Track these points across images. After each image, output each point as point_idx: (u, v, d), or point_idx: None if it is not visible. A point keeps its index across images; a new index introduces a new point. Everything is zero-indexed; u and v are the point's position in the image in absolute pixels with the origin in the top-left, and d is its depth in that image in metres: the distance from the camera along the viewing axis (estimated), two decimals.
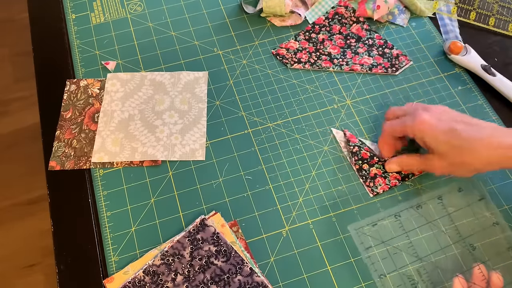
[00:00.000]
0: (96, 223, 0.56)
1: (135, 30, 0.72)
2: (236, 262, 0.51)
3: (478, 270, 0.48)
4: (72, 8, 0.74)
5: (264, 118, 0.63)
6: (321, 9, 0.73)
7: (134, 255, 0.54)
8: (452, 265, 0.52)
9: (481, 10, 0.74)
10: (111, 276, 0.52)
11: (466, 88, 0.66)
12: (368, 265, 0.52)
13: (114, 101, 0.64)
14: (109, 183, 0.58)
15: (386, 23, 0.73)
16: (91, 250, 0.54)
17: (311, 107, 0.64)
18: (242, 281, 0.50)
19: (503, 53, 0.69)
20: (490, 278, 0.47)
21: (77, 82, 0.67)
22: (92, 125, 0.63)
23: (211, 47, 0.70)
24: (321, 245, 0.54)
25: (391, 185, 0.57)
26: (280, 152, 0.61)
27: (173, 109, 0.64)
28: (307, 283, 0.52)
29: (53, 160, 0.60)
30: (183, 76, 0.67)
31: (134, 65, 0.68)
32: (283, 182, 0.58)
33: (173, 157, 0.60)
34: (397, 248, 0.53)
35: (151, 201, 0.57)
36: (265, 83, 0.67)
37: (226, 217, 0.56)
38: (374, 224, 0.55)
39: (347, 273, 0.52)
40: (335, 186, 0.58)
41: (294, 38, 0.71)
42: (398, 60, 0.68)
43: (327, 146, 0.61)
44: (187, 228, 0.54)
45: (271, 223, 0.56)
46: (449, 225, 0.54)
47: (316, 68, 0.68)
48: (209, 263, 0.51)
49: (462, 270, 0.51)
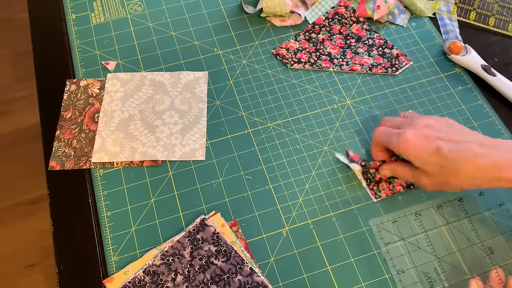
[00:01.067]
0: (96, 223, 0.56)
1: (135, 30, 0.72)
2: (236, 262, 0.51)
3: (496, 273, 0.48)
4: (72, 8, 0.74)
5: (264, 118, 0.63)
6: (321, 9, 0.73)
7: (134, 255, 0.54)
8: (469, 266, 0.52)
9: (481, 10, 0.74)
10: (111, 276, 0.52)
11: (466, 88, 0.66)
12: (387, 259, 0.52)
13: (114, 101, 0.64)
14: (109, 183, 0.59)
15: (386, 23, 0.73)
16: (91, 250, 0.54)
17: (311, 107, 0.64)
18: (242, 281, 0.50)
19: (503, 53, 0.69)
20: (507, 282, 0.47)
21: (77, 82, 0.67)
22: (92, 125, 0.63)
23: (211, 47, 0.70)
24: (321, 245, 0.54)
25: (395, 191, 0.56)
26: (280, 152, 0.61)
27: (173, 109, 0.64)
28: (307, 283, 0.52)
29: (53, 160, 0.60)
30: (183, 76, 0.67)
31: (134, 65, 0.68)
32: (283, 182, 0.58)
33: (173, 157, 0.60)
34: (416, 246, 0.53)
35: (151, 201, 0.57)
36: (265, 83, 0.67)
37: (226, 217, 0.56)
38: (395, 220, 0.55)
39: (347, 273, 0.52)
40: (335, 186, 0.58)
41: (294, 38, 0.71)
42: (398, 60, 0.68)
43: (327, 146, 0.61)
44: (187, 228, 0.54)
45: (271, 223, 0.56)
46: (468, 228, 0.54)
47: (316, 68, 0.68)
48: (209, 263, 0.51)
49: (479, 272, 0.51)
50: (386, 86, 0.66)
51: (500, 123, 0.63)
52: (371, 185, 0.57)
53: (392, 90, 0.66)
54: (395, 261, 0.53)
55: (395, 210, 0.56)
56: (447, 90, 0.66)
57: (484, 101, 0.65)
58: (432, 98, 0.65)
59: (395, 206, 0.56)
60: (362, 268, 0.53)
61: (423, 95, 0.65)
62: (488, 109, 0.64)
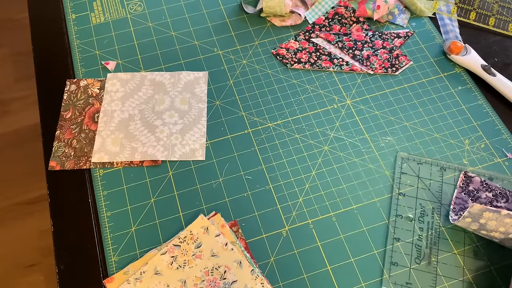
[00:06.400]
0: (96, 223, 0.56)
1: (135, 30, 0.72)
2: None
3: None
4: (72, 8, 0.74)
5: (264, 118, 0.63)
6: (321, 9, 0.73)
7: (134, 255, 0.54)
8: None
9: (481, 10, 0.74)
10: (111, 276, 0.52)
11: (466, 88, 0.66)
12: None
13: (114, 101, 0.64)
14: (109, 183, 0.59)
15: (386, 23, 0.73)
16: (91, 250, 0.54)
17: (311, 107, 0.64)
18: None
19: (503, 53, 0.69)
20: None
21: (77, 82, 0.67)
22: (92, 125, 0.63)
23: (211, 47, 0.70)
24: (321, 245, 0.54)
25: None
26: (280, 152, 0.61)
27: (173, 109, 0.64)
28: (307, 283, 0.52)
29: (53, 160, 0.60)
30: (183, 76, 0.67)
31: (134, 65, 0.68)
32: (283, 182, 0.58)
33: (173, 157, 0.60)
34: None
35: (151, 201, 0.57)
36: (265, 83, 0.67)
37: (226, 217, 0.56)
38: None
39: (347, 273, 0.52)
40: (335, 186, 0.58)
41: (294, 38, 0.71)
42: (398, 60, 0.68)
43: (327, 146, 0.61)
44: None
45: (271, 223, 0.56)
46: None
47: (316, 68, 0.68)
48: None
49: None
50: (386, 86, 0.66)
51: (500, 123, 0.63)
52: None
53: (392, 90, 0.66)
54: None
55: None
56: (447, 90, 0.66)
57: (484, 101, 0.65)
58: (432, 98, 0.65)
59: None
60: (362, 268, 0.53)
61: (423, 95, 0.65)
62: (488, 109, 0.64)
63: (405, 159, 0.59)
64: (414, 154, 0.60)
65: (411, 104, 0.64)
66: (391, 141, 0.61)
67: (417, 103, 0.65)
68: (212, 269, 0.51)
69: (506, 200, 0.54)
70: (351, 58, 0.68)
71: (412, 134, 0.62)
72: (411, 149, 0.61)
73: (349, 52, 0.68)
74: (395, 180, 0.58)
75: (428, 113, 0.64)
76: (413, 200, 0.57)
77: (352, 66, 0.67)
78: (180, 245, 0.53)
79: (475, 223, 0.51)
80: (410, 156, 0.60)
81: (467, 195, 0.55)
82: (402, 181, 0.58)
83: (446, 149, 0.61)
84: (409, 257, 0.53)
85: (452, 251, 0.53)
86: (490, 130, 0.62)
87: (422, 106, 0.64)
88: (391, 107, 0.64)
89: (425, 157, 0.60)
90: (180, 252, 0.53)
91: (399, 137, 0.62)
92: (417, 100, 0.65)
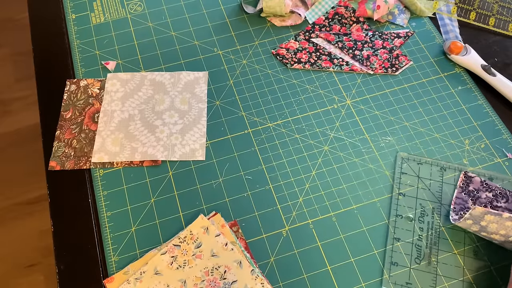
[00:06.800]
0: (96, 223, 0.56)
1: (135, 30, 0.72)
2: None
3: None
4: (72, 8, 0.74)
5: (264, 118, 0.63)
6: (321, 9, 0.73)
7: (134, 255, 0.54)
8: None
9: (481, 10, 0.74)
10: (111, 276, 0.52)
11: (466, 88, 0.66)
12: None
13: (114, 101, 0.64)
14: (109, 183, 0.59)
15: (386, 23, 0.73)
16: (91, 250, 0.54)
17: (311, 107, 0.64)
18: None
19: (503, 53, 0.69)
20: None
21: (77, 82, 0.67)
22: (92, 125, 0.63)
23: (211, 47, 0.70)
24: (321, 245, 0.54)
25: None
26: (280, 152, 0.61)
27: (173, 109, 0.64)
28: (307, 283, 0.52)
29: (53, 160, 0.60)
30: (183, 76, 0.67)
31: (134, 65, 0.68)
32: (283, 182, 0.58)
33: (173, 157, 0.60)
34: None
35: (151, 201, 0.57)
36: (265, 83, 0.67)
37: (226, 217, 0.56)
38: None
39: (347, 273, 0.52)
40: (335, 186, 0.58)
41: (294, 38, 0.71)
42: (398, 60, 0.68)
43: (327, 146, 0.61)
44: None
45: (271, 223, 0.56)
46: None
47: (316, 68, 0.68)
48: None
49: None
50: (386, 86, 0.66)
51: (500, 123, 0.63)
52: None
53: (392, 90, 0.66)
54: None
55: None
56: (447, 90, 0.66)
57: (484, 101, 0.65)
58: (432, 98, 0.65)
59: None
60: (362, 268, 0.53)
61: (423, 95, 0.65)
62: (488, 109, 0.64)
63: (405, 159, 0.59)
64: (414, 154, 0.60)
65: (411, 104, 0.64)
66: (391, 141, 0.61)
67: (417, 103, 0.65)
68: (212, 269, 0.51)
69: (506, 200, 0.54)
70: (351, 58, 0.68)
71: (412, 134, 0.62)
72: (411, 149, 0.61)
73: (349, 52, 0.68)
74: (395, 180, 0.58)
75: (428, 113, 0.64)
76: (413, 200, 0.57)
77: (352, 66, 0.67)
78: (180, 245, 0.53)
79: (476, 225, 0.51)
80: (410, 156, 0.60)
81: (467, 195, 0.55)
82: (402, 181, 0.58)
83: (446, 149, 0.61)
84: (409, 257, 0.53)
85: (452, 251, 0.53)
86: (490, 130, 0.62)
87: (422, 106, 0.64)
88: (391, 107, 0.64)
89: (425, 157, 0.60)
90: (180, 252, 0.53)
91: (399, 137, 0.62)
92: (417, 100, 0.65)
